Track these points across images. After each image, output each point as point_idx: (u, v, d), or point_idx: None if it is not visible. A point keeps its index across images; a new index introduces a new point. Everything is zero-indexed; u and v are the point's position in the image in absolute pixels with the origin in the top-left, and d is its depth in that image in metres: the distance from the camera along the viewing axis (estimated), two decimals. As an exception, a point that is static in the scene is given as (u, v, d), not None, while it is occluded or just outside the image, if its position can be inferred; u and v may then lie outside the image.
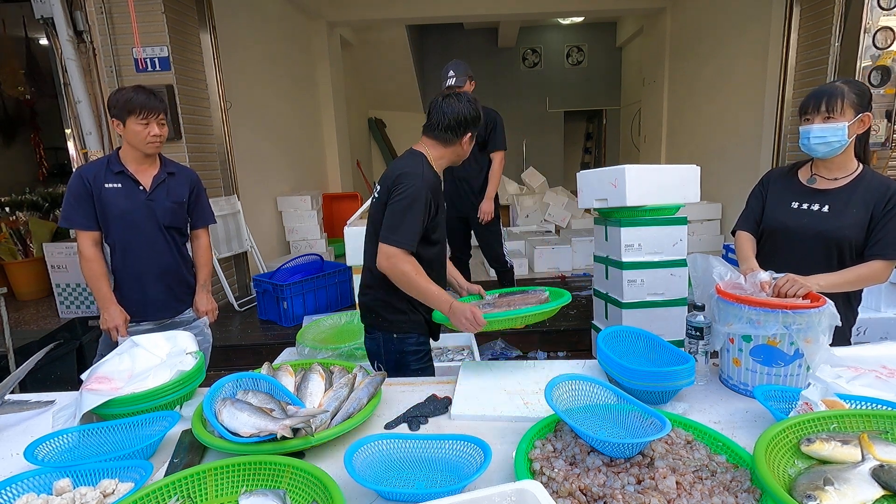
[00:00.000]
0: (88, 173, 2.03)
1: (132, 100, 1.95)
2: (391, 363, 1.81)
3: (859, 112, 1.57)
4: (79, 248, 2.04)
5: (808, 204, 1.69)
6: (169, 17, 3.77)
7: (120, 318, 2.05)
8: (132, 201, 2.06)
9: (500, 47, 10.80)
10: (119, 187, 2.04)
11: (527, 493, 0.81)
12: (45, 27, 3.66)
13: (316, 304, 4.04)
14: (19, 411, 1.41)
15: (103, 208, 2.03)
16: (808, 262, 1.64)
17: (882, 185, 1.61)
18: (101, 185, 2.02)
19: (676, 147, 7.31)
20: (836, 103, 1.56)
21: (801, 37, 4.00)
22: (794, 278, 1.46)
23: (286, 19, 6.24)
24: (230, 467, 1.01)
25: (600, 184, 2.98)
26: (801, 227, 1.68)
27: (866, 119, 1.59)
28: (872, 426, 1.05)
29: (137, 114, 1.96)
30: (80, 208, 2.02)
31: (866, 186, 1.62)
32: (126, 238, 2.07)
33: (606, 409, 1.16)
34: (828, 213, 1.65)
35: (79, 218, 2.02)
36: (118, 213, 2.04)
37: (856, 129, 1.59)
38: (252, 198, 5.19)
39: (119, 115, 1.97)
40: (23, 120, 6.96)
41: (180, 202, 2.17)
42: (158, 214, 2.10)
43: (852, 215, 1.62)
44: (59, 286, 4.60)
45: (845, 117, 1.56)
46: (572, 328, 3.73)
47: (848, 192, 1.64)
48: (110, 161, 2.06)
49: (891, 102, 3.56)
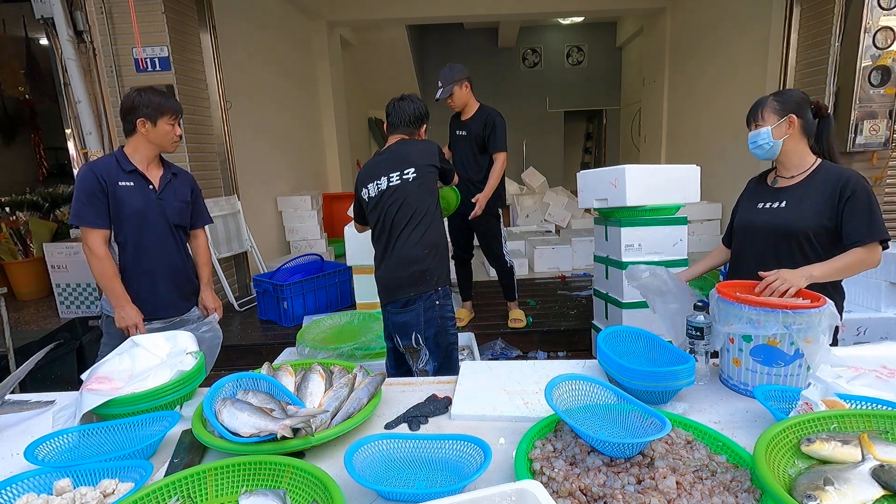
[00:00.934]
0: (101, 170, 2.00)
1: (165, 102, 2.03)
2: (432, 330, 2.06)
3: (783, 116, 1.74)
4: (88, 246, 2.01)
5: (769, 203, 1.84)
6: (169, 17, 3.77)
7: (138, 317, 2.05)
8: (144, 200, 2.07)
9: (500, 47, 10.80)
10: (132, 185, 2.04)
11: (527, 493, 0.81)
12: (45, 27, 3.66)
13: (316, 304, 4.04)
14: (19, 411, 1.41)
15: (117, 206, 2.02)
16: (769, 255, 1.79)
17: (836, 176, 1.71)
18: (115, 183, 2.01)
19: (676, 147, 7.31)
20: (758, 112, 1.78)
21: (801, 37, 4.00)
22: (784, 276, 1.48)
23: (286, 19, 6.24)
24: (230, 467, 1.01)
25: (600, 184, 2.98)
26: (763, 224, 1.83)
27: (791, 120, 1.73)
28: (872, 426, 1.05)
29: (170, 115, 2.03)
30: (92, 206, 1.99)
31: (821, 179, 1.74)
32: (138, 236, 2.07)
33: (606, 409, 1.16)
34: (784, 208, 1.79)
35: (91, 216, 1.99)
36: (131, 212, 2.04)
37: (781, 131, 1.75)
38: (252, 198, 5.19)
39: (151, 116, 2.01)
40: (23, 120, 6.96)
41: (186, 201, 2.20)
42: (168, 213, 2.13)
43: (807, 207, 1.73)
44: (60, 286, 4.60)
45: (768, 122, 1.75)
46: (572, 328, 3.73)
47: (804, 186, 1.77)
48: (119, 160, 2.05)
49: (891, 102, 3.56)
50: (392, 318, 2.14)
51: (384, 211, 2.10)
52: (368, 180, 2.16)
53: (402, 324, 2.10)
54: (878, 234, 1.63)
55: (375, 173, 2.14)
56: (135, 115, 2.02)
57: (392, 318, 2.14)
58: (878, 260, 1.66)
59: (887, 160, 3.73)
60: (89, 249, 2.01)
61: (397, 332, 2.13)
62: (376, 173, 2.14)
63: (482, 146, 3.35)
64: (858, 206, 1.65)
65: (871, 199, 1.66)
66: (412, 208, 2.07)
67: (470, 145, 3.38)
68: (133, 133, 2.05)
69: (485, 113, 3.35)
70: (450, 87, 3.25)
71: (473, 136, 3.36)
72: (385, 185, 2.10)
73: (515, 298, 3.76)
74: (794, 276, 1.50)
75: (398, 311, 2.10)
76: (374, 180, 2.14)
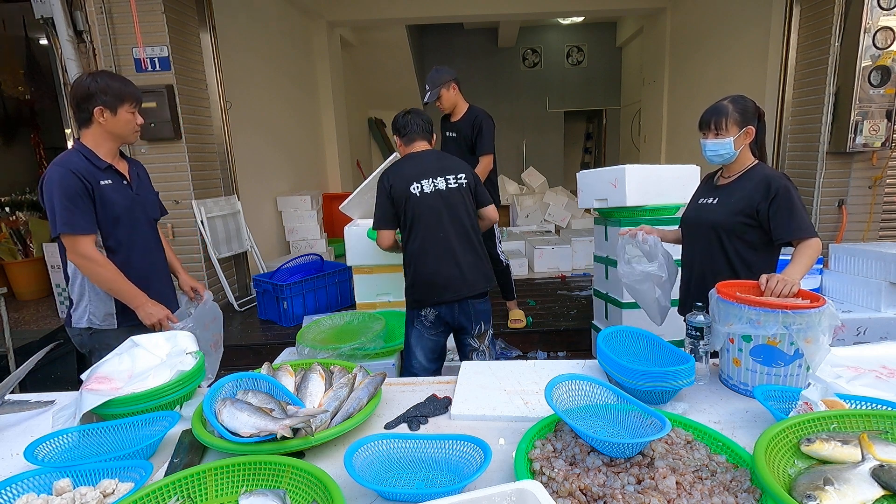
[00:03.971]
0: (80, 170, 1.80)
1: (125, 88, 1.84)
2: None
3: (743, 126, 1.83)
4: (83, 255, 1.81)
5: (707, 199, 1.97)
6: (169, 17, 3.77)
7: (164, 309, 1.92)
8: (125, 197, 1.92)
9: (499, 47, 10.79)
10: (111, 184, 1.87)
11: (527, 493, 0.81)
12: (45, 27, 3.66)
13: (316, 304, 4.04)
14: (19, 411, 1.41)
15: (104, 207, 1.84)
16: (699, 247, 1.95)
17: (759, 179, 1.82)
18: (97, 183, 1.83)
19: (676, 147, 7.31)
20: (722, 122, 1.83)
21: (801, 37, 4.00)
22: (783, 279, 1.49)
23: (286, 19, 6.24)
24: (230, 467, 1.01)
25: (600, 184, 2.98)
26: (697, 219, 1.98)
27: (749, 131, 1.84)
28: (872, 426, 1.05)
29: (131, 102, 1.85)
30: (80, 210, 1.78)
31: (750, 178, 1.85)
32: (128, 237, 1.93)
33: (606, 409, 1.16)
34: (715, 204, 1.91)
35: (83, 221, 1.80)
36: (120, 211, 1.89)
37: (741, 141, 1.85)
38: (252, 198, 5.19)
39: (109, 104, 1.81)
40: (23, 120, 6.95)
41: (156, 193, 2.11)
42: (148, 209, 2.02)
43: (731, 204, 1.85)
44: (59, 286, 4.60)
45: (730, 133, 1.83)
46: (572, 328, 3.73)
47: (736, 185, 1.89)
48: (88, 156, 1.84)
49: (891, 102, 3.56)
50: (476, 308, 2.33)
51: (450, 207, 2.25)
52: (420, 177, 2.24)
53: (485, 312, 2.37)
54: (801, 233, 1.73)
55: (429, 172, 2.26)
56: (91, 104, 1.80)
57: (476, 308, 2.33)
58: (819, 247, 1.74)
59: (887, 160, 3.73)
60: (85, 258, 1.82)
61: (483, 319, 2.36)
62: (430, 172, 2.26)
63: (472, 147, 3.35)
64: (781, 207, 1.75)
65: (793, 199, 1.75)
66: (473, 209, 2.34)
67: (459, 147, 3.39)
68: (89, 124, 1.84)
69: (473, 114, 3.35)
70: (437, 90, 3.26)
71: (463, 137, 3.36)
72: (444, 186, 2.26)
73: (514, 297, 3.76)
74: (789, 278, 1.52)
75: (481, 301, 2.34)
76: (428, 178, 2.24)
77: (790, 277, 1.54)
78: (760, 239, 1.84)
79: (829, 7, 3.66)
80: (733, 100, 1.86)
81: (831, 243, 3.22)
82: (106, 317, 1.95)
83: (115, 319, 1.96)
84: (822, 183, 3.84)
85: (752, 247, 1.85)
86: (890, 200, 3.82)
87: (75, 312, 1.96)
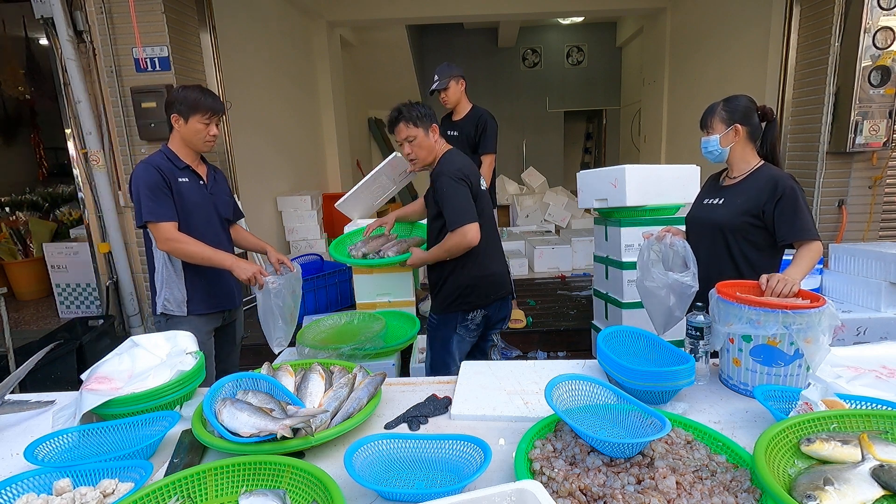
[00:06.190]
0: (160, 166, 2.00)
1: (200, 100, 2.00)
2: None
3: (730, 124, 1.84)
4: (169, 238, 1.97)
5: (712, 199, 1.97)
6: (169, 17, 3.77)
7: (255, 266, 2.06)
8: (201, 195, 2.10)
9: (499, 47, 10.79)
10: (188, 181, 2.06)
11: (527, 493, 0.81)
12: (45, 27, 3.65)
13: (316, 304, 4.04)
14: (19, 411, 1.41)
15: (180, 201, 2.02)
16: (704, 247, 1.95)
17: (766, 179, 1.82)
18: (175, 179, 2.02)
19: (676, 147, 7.30)
20: (709, 120, 1.88)
21: (801, 37, 3.99)
22: (784, 278, 1.50)
23: (286, 19, 6.24)
24: (230, 467, 1.01)
25: (600, 184, 2.98)
26: (702, 219, 1.99)
27: (738, 129, 1.84)
28: (872, 426, 1.05)
29: (203, 113, 2.00)
30: (161, 201, 1.98)
31: (757, 179, 1.85)
32: (200, 231, 2.07)
33: (606, 409, 1.16)
34: (721, 204, 1.92)
35: (165, 210, 1.98)
36: (192, 207, 2.06)
37: (728, 139, 1.86)
38: (252, 198, 5.19)
39: (182, 112, 1.99)
40: (23, 120, 6.96)
41: (230, 195, 2.27)
42: (220, 208, 2.18)
43: (737, 205, 1.86)
44: (59, 286, 4.60)
45: (716, 131, 1.87)
46: (572, 328, 3.73)
47: (741, 186, 1.89)
48: (169, 156, 2.05)
49: (891, 102, 3.56)
50: (508, 307, 2.32)
51: (490, 208, 2.26)
52: (474, 176, 2.19)
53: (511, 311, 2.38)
54: (804, 235, 1.73)
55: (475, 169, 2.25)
56: (170, 111, 2.02)
57: (508, 307, 2.32)
58: (820, 250, 1.75)
59: (887, 160, 3.73)
60: (171, 240, 1.97)
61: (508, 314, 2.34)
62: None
63: (474, 147, 3.35)
64: (786, 208, 1.75)
65: (798, 201, 1.75)
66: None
67: (461, 146, 3.38)
68: (171, 129, 2.05)
69: (477, 114, 3.35)
70: (446, 80, 3.26)
71: (465, 136, 3.36)
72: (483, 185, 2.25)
73: (514, 297, 3.76)
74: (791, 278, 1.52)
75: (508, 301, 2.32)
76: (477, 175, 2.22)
77: (791, 278, 1.54)
78: (765, 240, 1.84)
79: (829, 7, 3.66)
80: (726, 99, 1.88)
81: (831, 243, 3.22)
82: (179, 304, 2.10)
83: (185, 307, 2.11)
84: (822, 183, 3.83)
85: (757, 247, 1.85)
86: (890, 200, 3.82)
87: (158, 300, 2.13)
